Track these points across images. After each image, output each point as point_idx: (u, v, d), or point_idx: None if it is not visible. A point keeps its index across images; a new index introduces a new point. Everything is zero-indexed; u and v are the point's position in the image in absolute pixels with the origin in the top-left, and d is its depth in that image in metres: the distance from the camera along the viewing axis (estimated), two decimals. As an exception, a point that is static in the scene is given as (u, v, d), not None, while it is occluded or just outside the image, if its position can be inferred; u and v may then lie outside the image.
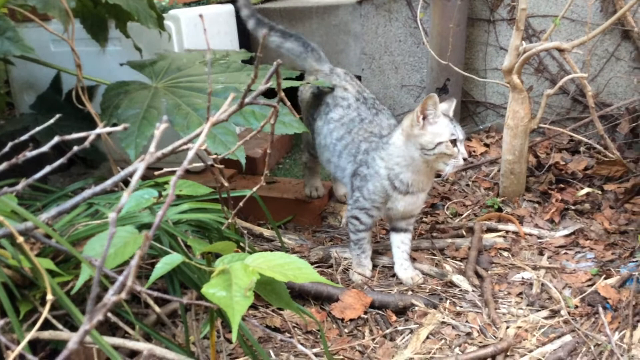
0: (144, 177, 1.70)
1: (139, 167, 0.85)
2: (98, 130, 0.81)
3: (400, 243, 2.10)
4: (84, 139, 0.97)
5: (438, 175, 2.00)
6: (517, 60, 2.25)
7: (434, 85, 2.71)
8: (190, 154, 0.96)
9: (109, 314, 1.31)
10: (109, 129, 0.79)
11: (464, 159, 1.89)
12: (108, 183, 1.10)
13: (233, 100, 1.12)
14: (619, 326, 1.78)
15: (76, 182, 1.86)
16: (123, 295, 0.53)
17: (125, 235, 1.22)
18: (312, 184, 2.46)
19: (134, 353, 1.44)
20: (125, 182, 1.60)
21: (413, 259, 2.17)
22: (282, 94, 1.21)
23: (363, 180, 2.02)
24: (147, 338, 1.47)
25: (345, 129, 2.13)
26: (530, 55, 2.23)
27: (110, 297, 0.54)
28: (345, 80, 2.26)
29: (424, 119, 1.88)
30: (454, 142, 1.86)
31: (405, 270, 2.07)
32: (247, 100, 1.14)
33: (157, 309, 1.40)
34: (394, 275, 2.11)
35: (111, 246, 1.18)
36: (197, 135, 1.02)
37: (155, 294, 1.01)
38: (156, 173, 1.25)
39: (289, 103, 1.21)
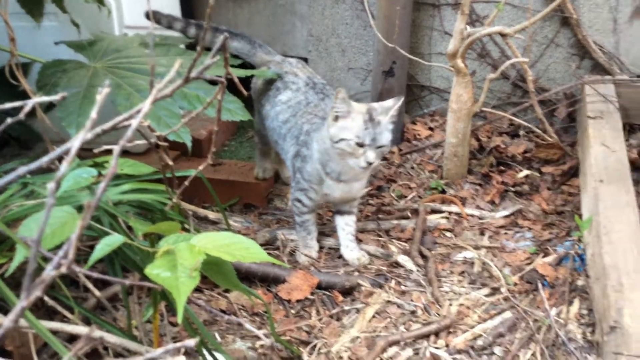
0: (82, 158, 1.63)
1: (76, 140, 0.81)
2: (36, 100, 0.76)
3: (345, 225, 2.10)
4: (19, 114, 0.91)
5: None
6: (462, 44, 2.29)
7: (380, 69, 2.72)
8: (132, 126, 0.93)
9: (46, 298, 1.26)
10: (46, 98, 0.74)
11: (368, 162, 1.84)
12: (44, 160, 1.05)
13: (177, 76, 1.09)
14: (556, 302, 1.85)
15: (9, 163, 1.78)
16: (63, 269, 0.50)
17: (63, 215, 1.17)
18: (262, 165, 2.44)
19: (72, 338, 1.39)
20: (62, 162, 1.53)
21: (359, 241, 2.18)
22: (230, 69, 1.18)
23: (303, 162, 2.02)
24: (87, 322, 1.42)
25: (291, 112, 2.12)
26: (474, 39, 2.27)
27: (49, 272, 0.51)
28: (297, 68, 2.25)
29: (336, 116, 1.87)
30: (360, 144, 1.84)
31: (351, 252, 2.08)
32: (193, 74, 1.11)
33: (96, 292, 1.35)
34: (340, 256, 2.12)
35: (48, 226, 1.13)
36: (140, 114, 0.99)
37: (96, 274, 0.97)
38: (95, 150, 1.20)
39: (237, 79, 1.18)
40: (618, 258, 1.70)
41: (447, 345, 1.73)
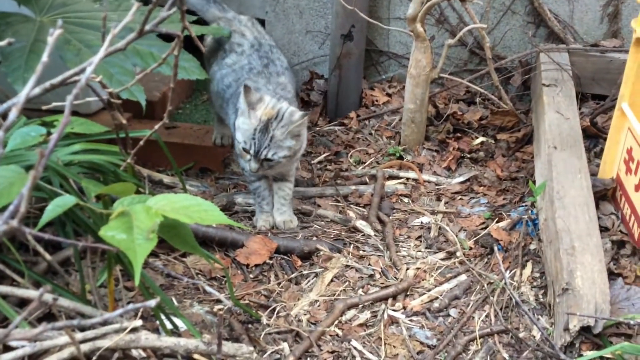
0: (30, 117, 1.55)
1: (24, 92, 0.76)
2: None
3: (278, 189, 2.08)
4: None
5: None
6: (421, 8, 2.27)
7: (338, 32, 2.68)
8: (82, 81, 0.87)
9: (-6, 262, 1.20)
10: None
11: (250, 170, 1.86)
12: (-12, 115, 0.99)
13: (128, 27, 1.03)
14: (509, 266, 1.89)
15: (-51, 121, 1.68)
16: (15, 222, 0.46)
17: (11, 175, 1.11)
18: (220, 130, 2.38)
19: (23, 303, 1.33)
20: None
21: (318, 206, 2.17)
22: (187, 23, 1.13)
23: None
24: (38, 287, 1.37)
25: (233, 77, 2.07)
26: (434, 3, 2.26)
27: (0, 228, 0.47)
28: (245, 26, 2.19)
29: (238, 110, 1.86)
30: (245, 150, 1.83)
31: (280, 215, 2.07)
32: (148, 27, 1.05)
33: (47, 256, 1.30)
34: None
35: (-7, 186, 1.07)
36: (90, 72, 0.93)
37: (47, 236, 0.93)
38: (44, 107, 1.14)
39: (194, 34, 1.13)
40: (570, 222, 1.74)
41: (404, 308, 1.75)
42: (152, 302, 0.68)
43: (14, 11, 1.85)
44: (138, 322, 1.19)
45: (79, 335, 1.17)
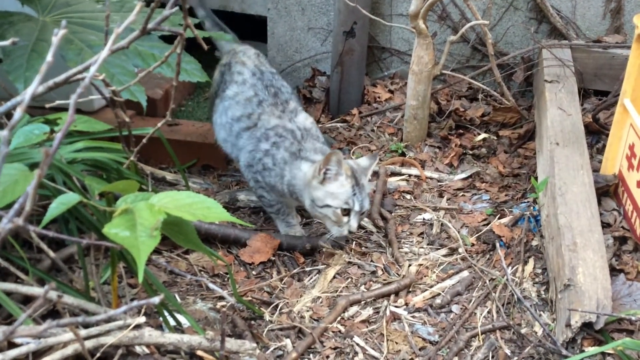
0: (33, 115, 1.56)
1: (28, 91, 0.76)
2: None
3: None
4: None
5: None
6: (423, 5, 2.26)
7: (341, 29, 2.68)
8: (87, 79, 0.88)
9: (-2, 259, 1.21)
10: (-7, 42, 0.69)
11: (350, 232, 1.79)
12: (-8, 114, 0.99)
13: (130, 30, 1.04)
14: (511, 262, 1.90)
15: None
16: (20, 220, 0.47)
17: (15, 173, 1.12)
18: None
19: (27, 300, 1.34)
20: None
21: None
22: (189, 22, 1.14)
23: (266, 173, 1.91)
24: (42, 284, 1.38)
25: (242, 110, 1.98)
26: (436, 0, 2.25)
27: (5, 226, 0.48)
28: (247, 57, 2.13)
29: (325, 176, 1.77)
30: (346, 211, 1.77)
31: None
32: (150, 26, 1.06)
33: (51, 253, 1.31)
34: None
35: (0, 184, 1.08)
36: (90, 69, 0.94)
37: (51, 233, 0.93)
38: (47, 105, 1.14)
39: (196, 32, 1.13)
40: (572, 218, 1.74)
41: (406, 304, 1.76)
42: (156, 299, 0.69)
43: (16, 10, 1.86)
44: (142, 319, 1.20)
45: (82, 332, 1.18)
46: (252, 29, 3.28)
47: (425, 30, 2.33)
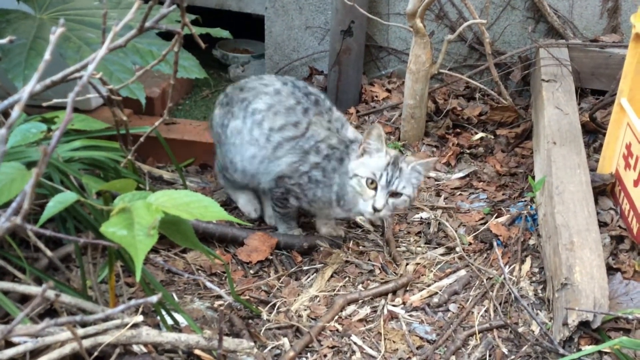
0: (30, 114, 1.55)
1: (26, 89, 0.76)
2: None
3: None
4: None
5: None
6: (421, 4, 2.27)
7: (338, 28, 2.68)
8: (84, 78, 0.88)
9: (-5, 258, 1.21)
10: (-10, 40, 0.69)
11: (374, 208, 1.69)
12: (-11, 112, 0.99)
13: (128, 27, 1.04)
14: (508, 261, 1.90)
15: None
16: (18, 219, 0.47)
17: (12, 172, 1.11)
18: (252, 202, 2.16)
19: (24, 299, 1.34)
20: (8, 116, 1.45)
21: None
22: (187, 20, 1.13)
23: (312, 183, 1.84)
24: (39, 283, 1.38)
25: (284, 118, 1.85)
26: (434, -1, 2.26)
27: (2, 225, 0.48)
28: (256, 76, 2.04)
29: (364, 150, 1.73)
30: (373, 183, 1.70)
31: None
32: (148, 24, 1.05)
33: (48, 252, 1.31)
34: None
35: (-5, 183, 1.07)
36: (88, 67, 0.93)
37: (48, 232, 0.93)
38: (45, 104, 1.14)
39: (193, 30, 1.13)
40: (569, 217, 1.75)
41: (404, 303, 1.76)
42: (154, 298, 0.68)
43: (13, 8, 1.86)
44: (139, 318, 1.20)
45: (80, 331, 1.18)
46: (249, 28, 3.28)
47: (422, 29, 2.33)
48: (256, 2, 3.06)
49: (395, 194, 1.71)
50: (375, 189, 1.69)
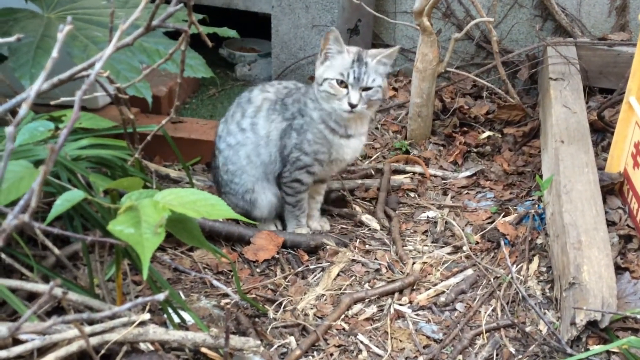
0: (37, 112, 1.56)
1: (34, 87, 0.76)
2: (-15, 41, 0.71)
3: (316, 194, 2.05)
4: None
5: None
6: (428, 2, 2.26)
7: (345, 26, 2.68)
8: (92, 76, 0.88)
9: (4, 255, 1.21)
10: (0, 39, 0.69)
11: (350, 104, 1.74)
12: (-2, 110, 0.99)
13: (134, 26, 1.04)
14: (516, 260, 1.89)
15: (-42, 116, 1.68)
16: (26, 217, 0.47)
17: (20, 170, 1.12)
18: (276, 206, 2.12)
19: (31, 297, 1.34)
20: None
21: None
22: (194, 19, 1.13)
23: (300, 133, 1.87)
24: (46, 281, 1.38)
25: (269, 106, 1.92)
26: (441, -3, 2.25)
27: (10, 222, 0.48)
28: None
29: (326, 56, 1.80)
30: (343, 84, 1.76)
31: (317, 221, 2.06)
32: (155, 22, 1.05)
33: (56, 250, 1.31)
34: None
35: (4, 181, 1.08)
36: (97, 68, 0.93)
37: (56, 230, 0.93)
38: (52, 102, 1.14)
39: (200, 29, 1.13)
40: (577, 216, 1.74)
41: (410, 302, 1.75)
42: (161, 296, 0.68)
43: (21, 7, 1.86)
44: (146, 316, 1.20)
45: (87, 329, 1.18)
46: (256, 27, 3.28)
47: (429, 27, 2.33)
48: (263, 1, 3.06)
49: (366, 89, 1.77)
50: (347, 87, 1.76)
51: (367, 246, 1.98)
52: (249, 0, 2.96)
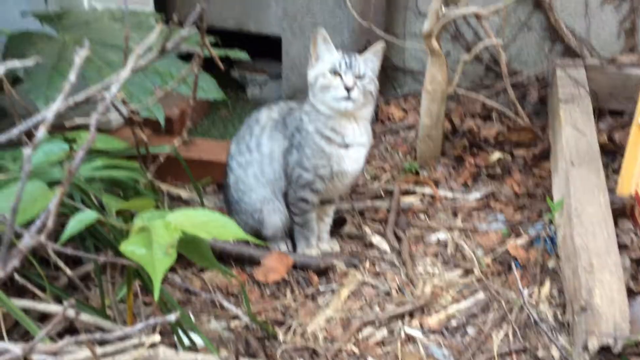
0: (52, 133, 1.58)
1: (51, 109, 0.78)
2: (7, 64, 0.73)
3: (325, 215, 2.05)
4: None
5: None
6: (437, 24, 2.28)
7: (355, 48, 2.70)
8: (108, 99, 0.89)
9: (16, 276, 1.22)
10: (17, 62, 0.71)
11: (346, 88, 1.76)
12: (14, 132, 1.01)
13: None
14: (527, 283, 1.88)
15: (-26, 138, 1.71)
16: (42, 237, 0.48)
17: (34, 191, 1.13)
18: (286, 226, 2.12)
19: (43, 317, 1.35)
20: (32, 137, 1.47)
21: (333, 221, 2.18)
22: (207, 42, 1.15)
23: (299, 149, 1.87)
24: (58, 302, 1.38)
25: (272, 125, 1.96)
26: (450, 19, 2.27)
27: (26, 242, 0.48)
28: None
29: (316, 58, 1.86)
30: (335, 72, 1.79)
31: (327, 242, 2.06)
32: (169, 46, 1.07)
33: (68, 271, 1.32)
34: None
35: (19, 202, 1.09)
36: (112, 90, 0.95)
37: (69, 251, 0.94)
38: (67, 123, 1.16)
39: (213, 52, 1.15)
40: (589, 239, 1.72)
41: (421, 326, 1.74)
42: (172, 317, 0.69)
43: (37, 30, 1.90)
44: (157, 338, 1.20)
45: (98, 350, 1.18)
46: (267, 49, 3.31)
47: (438, 49, 2.34)
48: (274, 24, 3.10)
49: (359, 77, 1.80)
50: (340, 76, 1.79)
51: (377, 268, 1.97)
52: (260, 23, 3.00)
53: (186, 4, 3.15)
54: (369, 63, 1.85)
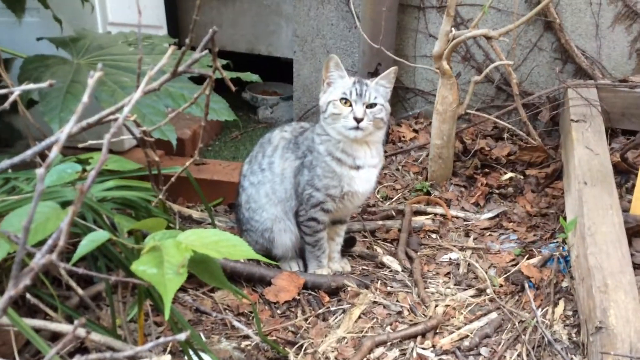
0: (65, 154, 1.60)
1: (64, 130, 0.79)
2: (22, 87, 0.74)
3: (336, 235, 2.05)
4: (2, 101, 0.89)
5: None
6: (447, 45, 2.29)
7: (365, 70, 2.72)
8: (120, 120, 0.91)
9: (28, 295, 1.23)
10: (32, 85, 0.72)
11: (355, 119, 1.75)
12: (28, 153, 1.02)
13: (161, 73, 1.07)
14: (541, 304, 1.86)
15: (-11, 159, 1.73)
16: (54, 256, 0.48)
17: (47, 211, 1.14)
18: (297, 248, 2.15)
19: (54, 337, 1.35)
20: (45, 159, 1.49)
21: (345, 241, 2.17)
22: (218, 64, 1.17)
23: (310, 169, 1.88)
24: (70, 322, 1.39)
25: (284, 145, 1.98)
26: (460, 41, 2.28)
27: (38, 261, 0.49)
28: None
29: (328, 83, 1.86)
30: (345, 101, 1.79)
31: (337, 262, 2.06)
32: (181, 68, 1.09)
33: (79, 290, 1.32)
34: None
35: (32, 222, 1.10)
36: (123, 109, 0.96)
37: (81, 270, 0.95)
38: (80, 145, 1.18)
39: (224, 74, 1.16)
40: (602, 259, 1.71)
41: (433, 346, 1.72)
42: (182, 336, 0.69)
43: (52, 54, 1.93)
44: (167, 357, 1.20)
45: (109, 370, 1.18)
46: (278, 71, 3.35)
47: (449, 70, 2.35)
48: (285, 46, 3.13)
49: (370, 105, 1.79)
50: (350, 105, 1.78)
51: (388, 288, 1.96)
52: (271, 46, 3.04)
53: (199, 28, 3.20)
54: (380, 89, 1.84)
